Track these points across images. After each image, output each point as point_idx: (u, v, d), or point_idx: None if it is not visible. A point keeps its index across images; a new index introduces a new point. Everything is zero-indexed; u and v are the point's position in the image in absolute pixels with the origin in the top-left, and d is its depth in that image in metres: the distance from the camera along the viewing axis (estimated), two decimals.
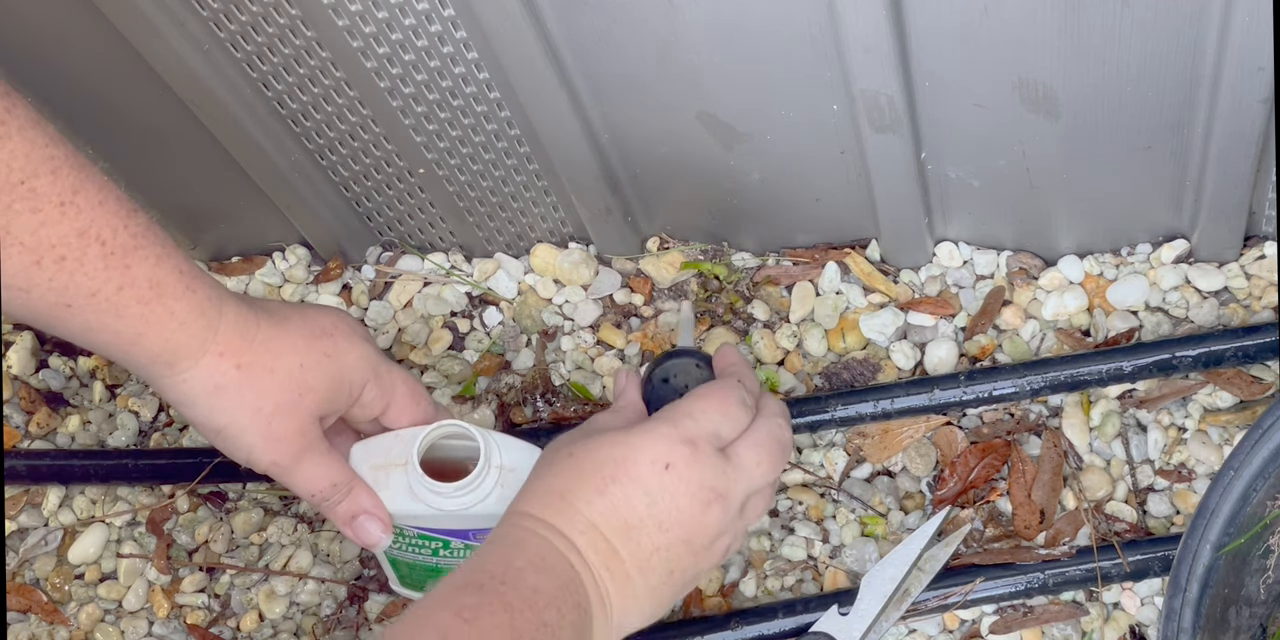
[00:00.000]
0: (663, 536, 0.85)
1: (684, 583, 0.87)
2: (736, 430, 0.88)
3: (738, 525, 0.88)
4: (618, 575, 0.84)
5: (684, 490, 0.85)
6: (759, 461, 0.88)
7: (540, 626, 0.77)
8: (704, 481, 0.85)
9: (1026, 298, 1.10)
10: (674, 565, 0.86)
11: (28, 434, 1.18)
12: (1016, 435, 1.06)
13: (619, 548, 0.84)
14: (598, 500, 0.84)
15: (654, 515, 0.84)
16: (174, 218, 1.19)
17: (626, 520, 0.84)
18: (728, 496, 0.86)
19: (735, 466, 0.87)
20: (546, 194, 1.12)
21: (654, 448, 0.85)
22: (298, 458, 0.90)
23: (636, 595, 0.85)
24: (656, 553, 0.85)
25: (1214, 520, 0.85)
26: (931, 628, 1.03)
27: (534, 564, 0.81)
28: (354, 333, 0.93)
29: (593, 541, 0.83)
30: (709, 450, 0.86)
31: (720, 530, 0.87)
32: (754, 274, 1.14)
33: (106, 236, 0.80)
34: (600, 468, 0.85)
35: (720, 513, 0.86)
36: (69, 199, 0.78)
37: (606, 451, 0.85)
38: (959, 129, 0.98)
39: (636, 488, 0.84)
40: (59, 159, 0.78)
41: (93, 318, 0.82)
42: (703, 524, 0.86)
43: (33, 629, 1.13)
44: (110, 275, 0.81)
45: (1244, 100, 0.91)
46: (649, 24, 0.92)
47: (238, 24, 0.97)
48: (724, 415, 0.88)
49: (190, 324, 0.84)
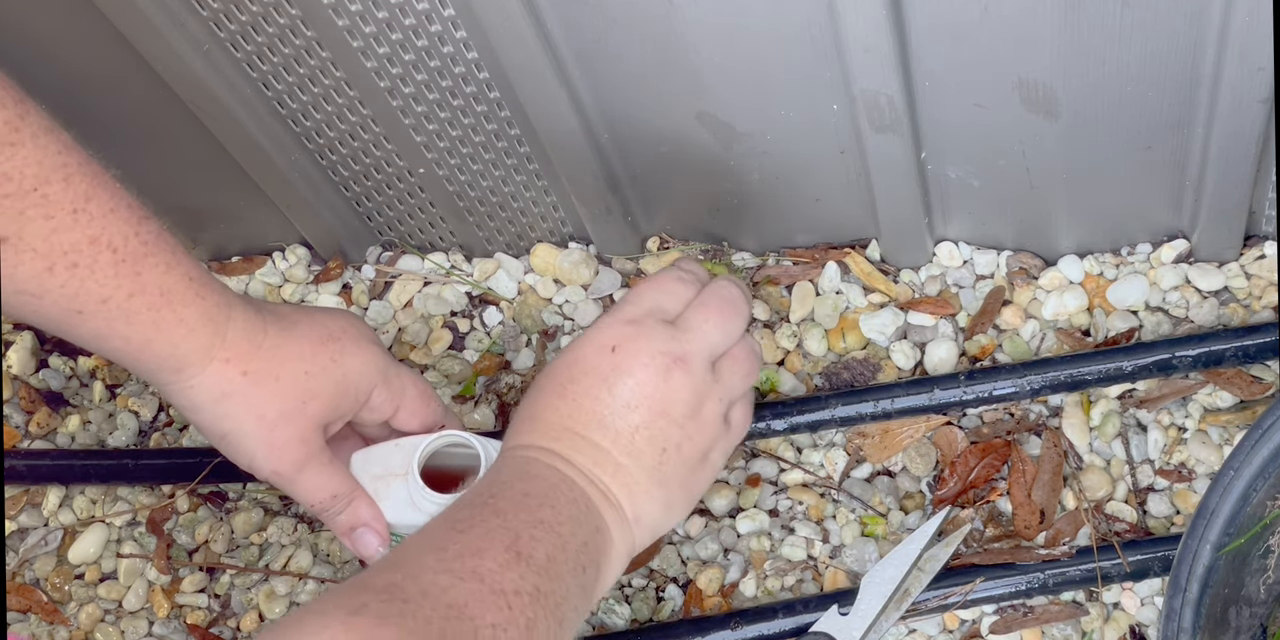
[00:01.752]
0: (635, 415, 0.84)
1: (689, 461, 0.86)
2: (680, 302, 0.88)
3: (719, 390, 0.87)
4: (607, 466, 0.84)
5: (636, 364, 0.84)
6: (706, 319, 0.87)
7: (536, 524, 0.78)
8: (653, 350, 0.85)
9: (1026, 297, 1.10)
10: (663, 441, 0.85)
11: (28, 434, 1.19)
12: (1016, 435, 1.06)
13: (598, 440, 0.84)
14: (561, 404, 0.84)
15: (617, 397, 0.84)
16: (174, 218, 1.18)
17: (594, 412, 0.84)
18: (685, 359, 0.85)
19: (683, 329, 0.86)
20: (546, 194, 1.12)
21: (597, 336, 0.86)
22: (299, 467, 0.90)
23: (637, 480, 0.84)
24: (636, 432, 0.84)
25: (1214, 520, 0.85)
26: (931, 628, 1.03)
27: (518, 475, 0.81)
28: (361, 337, 0.93)
29: (572, 443, 0.83)
30: (650, 323, 0.86)
31: (695, 395, 0.86)
32: (754, 274, 1.14)
33: (118, 243, 0.81)
34: (556, 376, 0.86)
35: (683, 375, 0.85)
36: (81, 206, 0.79)
37: (558, 361, 0.86)
38: (959, 129, 0.98)
39: (591, 378, 0.84)
40: (71, 166, 0.79)
41: (103, 324, 0.82)
42: (670, 391, 0.85)
43: (33, 629, 1.13)
44: (121, 282, 0.81)
45: (1244, 100, 0.91)
46: (649, 24, 0.92)
47: (238, 24, 0.97)
48: (659, 291, 0.88)
49: (198, 330, 0.85)
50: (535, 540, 0.77)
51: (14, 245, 0.77)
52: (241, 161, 1.09)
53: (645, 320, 0.86)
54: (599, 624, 1.06)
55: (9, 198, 0.76)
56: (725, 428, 0.88)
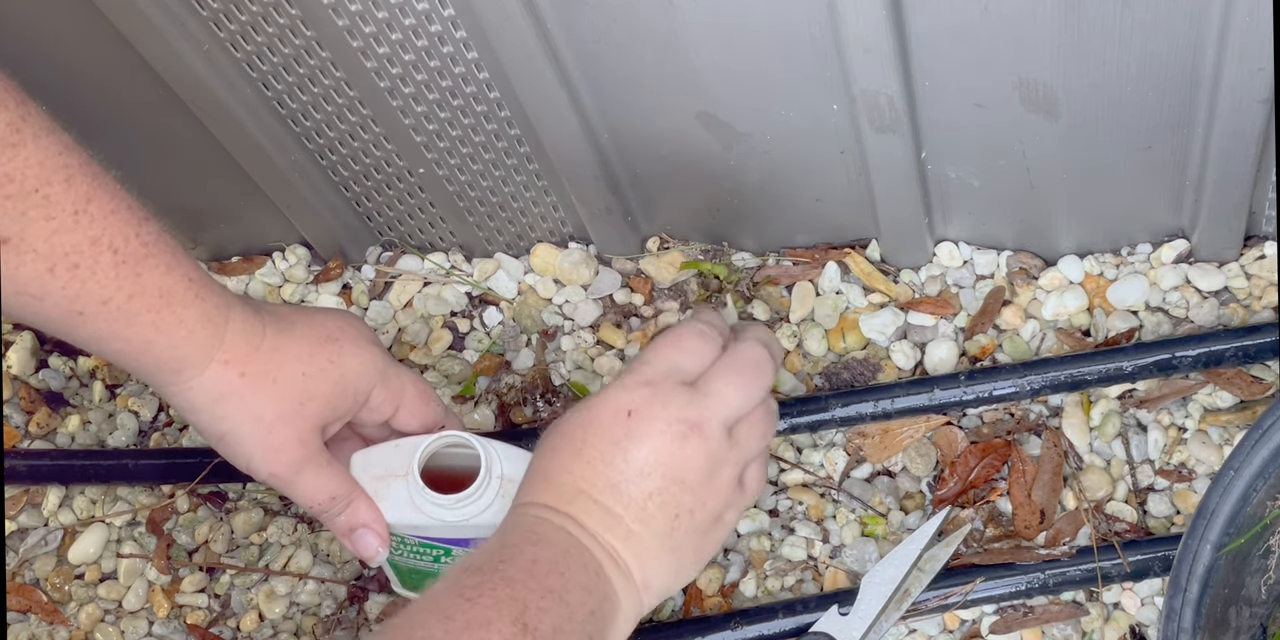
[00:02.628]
0: (649, 482, 0.82)
1: (700, 526, 0.84)
2: (700, 362, 0.85)
3: (734, 455, 0.85)
4: (619, 532, 0.82)
5: (652, 430, 0.82)
6: (728, 382, 0.84)
7: (545, 593, 0.77)
8: (670, 416, 0.82)
9: (1027, 297, 1.10)
10: (675, 508, 0.83)
11: (28, 434, 1.19)
12: (1016, 435, 1.06)
13: (611, 505, 0.82)
14: (576, 466, 0.82)
15: (632, 464, 0.82)
16: (174, 218, 1.19)
17: (608, 476, 0.82)
18: (702, 425, 0.83)
19: (703, 394, 0.84)
20: (546, 194, 1.12)
21: (614, 399, 0.83)
22: (297, 469, 0.90)
23: (648, 547, 0.83)
24: (650, 499, 0.82)
25: (1214, 520, 0.85)
26: (931, 628, 1.03)
27: (528, 539, 0.80)
28: (360, 337, 0.93)
29: (584, 507, 0.82)
30: (669, 386, 0.83)
31: (710, 462, 0.83)
32: (754, 274, 1.14)
33: (119, 245, 0.81)
34: (570, 436, 0.84)
35: (699, 443, 0.83)
36: (83, 207, 0.79)
37: (573, 420, 0.84)
38: (959, 129, 0.98)
39: (606, 443, 0.82)
40: (73, 167, 0.79)
41: (104, 326, 0.82)
42: (685, 458, 0.83)
43: (33, 629, 1.13)
44: (122, 283, 0.81)
45: (1244, 100, 0.91)
46: (649, 24, 0.92)
47: (238, 24, 0.97)
48: (678, 350, 0.85)
49: (198, 332, 0.85)
50: (543, 611, 0.76)
51: (15, 246, 0.77)
52: (241, 161, 1.09)
53: (663, 383, 0.83)
54: None
55: (10, 199, 0.76)
56: (740, 490, 0.86)
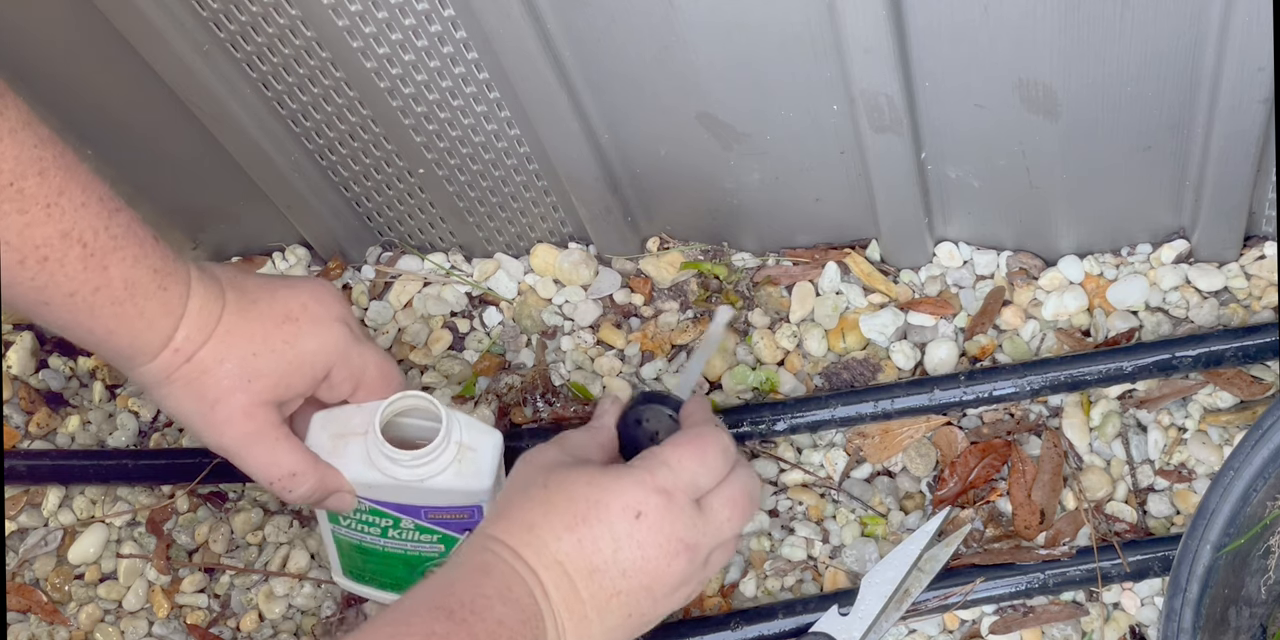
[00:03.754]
0: (625, 582, 0.85)
1: (639, 626, 0.88)
2: (714, 480, 0.89)
3: (700, 575, 0.89)
4: (575, 615, 0.85)
5: (652, 540, 0.86)
6: (730, 517, 0.89)
7: None
8: (674, 533, 0.86)
9: (1026, 298, 1.10)
10: (632, 610, 0.86)
11: (28, 434, 1.19)
12: (1016, 435, 1.06)
13: (580, 588, 0.85)
14: (566, 537, 0.85)
15: (618, 561, 0.85)
16: (174, 218, 1.19)
17: (591, 562, 0.85)
18: (695, 548, 0.87)
19: (706, 520, 0.88)
20: (546, 194, 1.12)
21: (628, 494, 0.86)
22: (246, 442, 0.91)
23: (591, 635, 0.86)
24: (616, 596, 0.85)
25: (1214, 520, 0.85)
26: (931, 628, 1.03)
27: (501, 595, 0.82)
28: (324, 315, 0.93)
29: (556, 578, 0.84)
30: (683, 501, 0.87)
31: (683, 580, 0.88)
32: (754, 274, 1.14)
33: (88, 238, 0.82)
34: (573, 505, 0.86)
35: (685, 564, 0.87)
36: (54, 200, 0.80)
37: (581, 490, 0.86)
38: (959, 129, 0.98)
39: (605, 531, 0.85)
40: (47, 160, 0.79)
41: (68, 316, 0.84)
42: (667, 574, 0.86)
43: (33, 629, 1.13)
44: (89, 276, 0.82)
45: (1244, 100, 0.91)
46: (649, 24, 0.92)
47: (238, 24, 0.97)
48: (702, 465, 0.88)
49: (156, 322, 0.86)
50: None
51: None
52: (241, 161, 1.09)
53: (678, 496, 0.86)
54: None
55: None
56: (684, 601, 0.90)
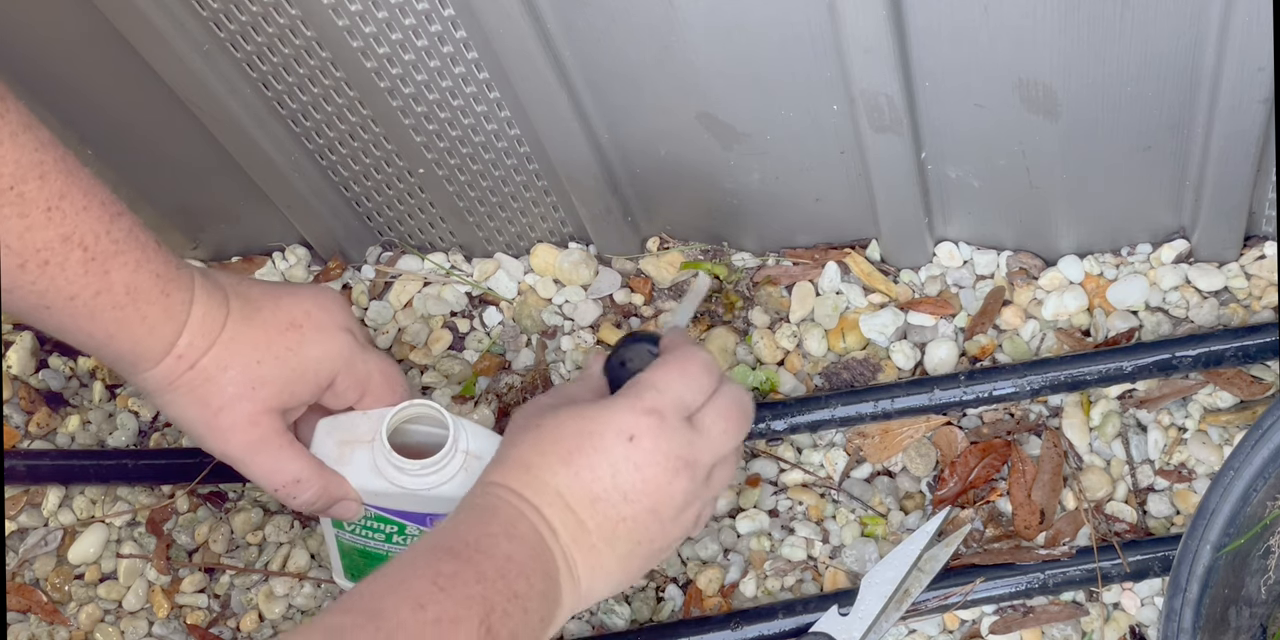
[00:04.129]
0: (628, 507, 0.85)
1: (653, 552, 0.87)
2: (702, 396, 0.88)
3: (704, 493, 0.88)
4: (584, 546, 0.84)
5: (649, 461, 0.85)
6: (725, 429, 0.88)
7: (511, 597, 0.78)
8: (670, 451, 0.85)
9: (1026, 298, 1.10)
10: (641, 536, 0.86)
11: (28, 434, 1.19)
12: (1016, 435, 1.06)
13: (585, 519, 0.84)
14: (563, 471, 0.84)
15: (619, 486, 0.84)
16: (174, 218, 1.19)
17: (591, 491, 0.84)
18: (694, 465, 0.86)
19: (701, 435, 0.87)
20: (546, 194, 1.12)
21: (618, 419, 0.85)
22: (251, 450, 0.90)
23: (604, 565, 0.85)
24: (622, 523, 0.85)
25: (1214, 520, 0.85)
26: (931, 628, 1.03)
27: (506, 532, 0.81)
28: (328, 323, 0.93)
29: (559, 513, 0.83)
30: (675, 420, 0.86)
31: (687, 499, 0.86)
32: (754, 274, 1.14)
33: (89, 242, 0.81)
34: (565, 439, 0.85)
35: (687, 482, 0.86)
36: (55, 204, 0.79)
37: (573, 424, 0.85)
38: (959, 129, 0.98)
39: (601, 459, 0.84)
40: (48, 163, 0.79)
41: (68, 320, 0.83)
42: (669, 494, 0.85)
43: (33, 629, 1.13)
44: (89, 280, 0.82)
45: (1244, 100, 0.91)
46: (649, 24, 0.92)
47: (238, 24, 0.97)
48: (687, 382, 0.87)
49: (159, 328, 0.86)
50: (507, 615, 0.78)
51: None
52: (241, 161, 1.09)
53: (668, 414, 0.86)
54: (599, 624, 1.06)
55: None
56: (695, 525, 0.89)
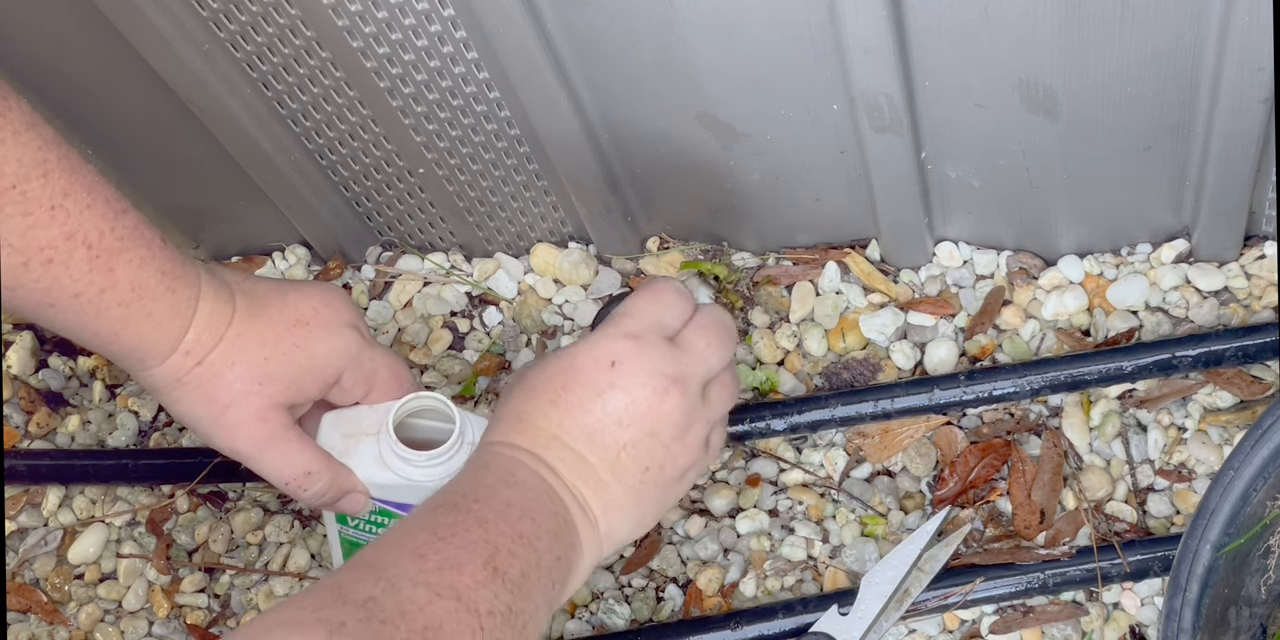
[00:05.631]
0: (625, 433, 0.84)
1: (666, 481, 0.86)
2: (679, 318, 0.87)
3: (706, 413, 0.87)
4: (590, 480, 0.83)
5: (635, 382, 0.84)
6: (708, 343, 0.87)
7: (516, 537, 0.78)
8: (654, 369, 0.84)
9: (1026, 297, 1.10)
10: (646, 461, 0.84)
11: (28, 434, 1.19)
12: (1016, 435, 1.06)
13: (585, 453, 0.83)
14: (553, 411, 0.83)
15: (610, 413, 0.83)
16: (174, 218, 1.19)
17: (585, 424, 0.83)
18: (683, 381, 0.85)
19: (685, 351, 0.86)
20: (546, 194, 1.12)
21: (598, 348, 0.84)
22: (260, 446, 0.90)
23: (615, 497, 0.84)
24: (624, 450, 0.84)
25: (1214, 520, 0.85)
26: (931, 628, 1.03)
27: (503, 480, 0.81)
28: (334, 320, 0.92)
29: (558, 453, 0.83)
30: (653, 340, 0.85)
31: (686, 418, 0.85)
32: (754, 274, 1.14)
33: (93, 240, 0.81)
34: (550, 380, 0.84)
35: (679, 398, 0.84)
36: (59, 202, 0.79)
37: (553, 365, 0.85)
38: (959, 129, 0.98)
39: (587, 391, 0.83)
40: (51, 162, 0.79)
41: (74, 317, 0.83)
42: (663, 412, 0.84)
43: (33, 629, 1.13)
44: (94, 278, 0.82)
45: (1244, 100, 0.91)
46: (649, 24, 0.92)
47: (238, 24, 0.97)
48: (660, 304, 0.86)
49: (165, 324, 0.86)
50: (513, 555, 0.77)
51: None
52: (241, 161, 1.09)
53: (647, 336, 0.85)
54: (599, 624, 1.06)
55: None
56: (704, 450, 0.88)
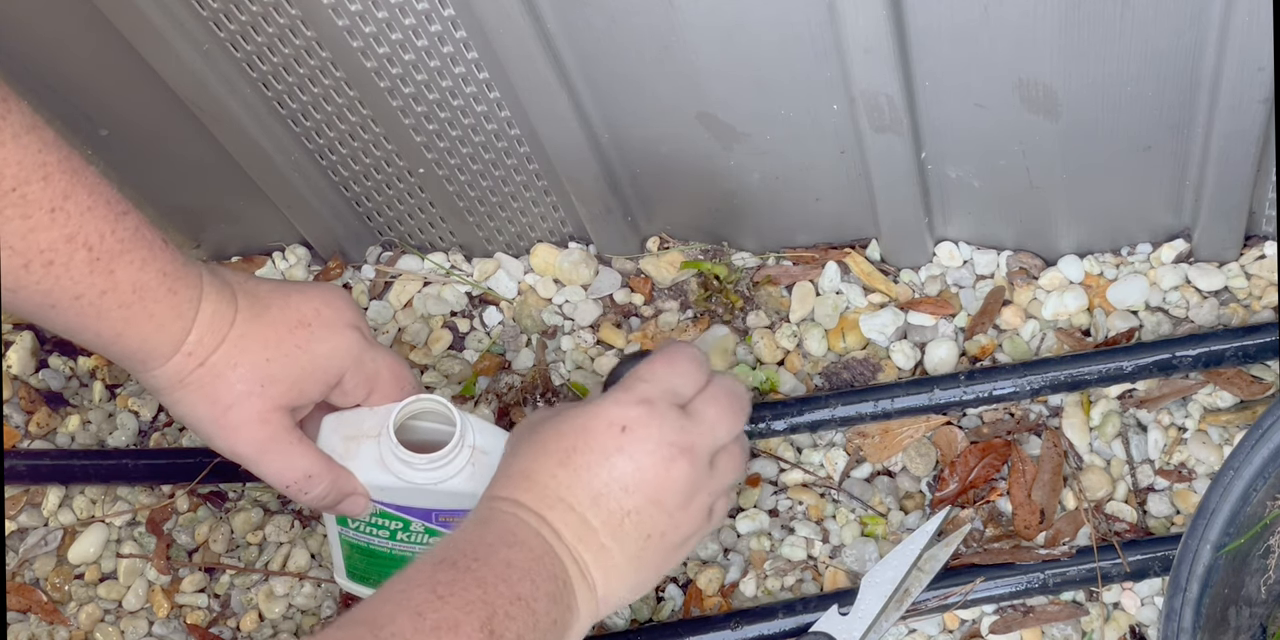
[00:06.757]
0: (630, 499, 0.84)
1: (667, 548, 0.86)
2: (693, 386, 0.87)
3: (712, 484, 0.87)
4: (591, 545, 0.83)
5: (643, 449, 0.84)
6: (719, 414, 0.87)
7: (514, 599, 0.78)
8: (663, 438, 0.84)
9: (1026, 297, 1.10)
10: (649, 529, 0.85)
11: (28, 434, 1.19)
12: (1016, 435, 1.06)
13: (589, 517, 0.83)
14: (561, 472, 0.84)
15: (617, 479, 0.84)
16: (174, 218, 1.19)
17: (591, 488, 0.83)
18: (691, 451, 0.85)
19: (695, 421, 0.86)
20: (546, 194, 1.12)
21: (609, 412, 0.84)
22: (261, 448, 0.90)
23: (615, 564, 0.84)
24: (627, 517, 0.84)
25: (1214, 520, 0.85)
26: (931, 628, 1.03)
27: (504, 540, 0.81)
28: (337, 320, 0.92)
29: (561, 515, 0.83)
30: (665, 407, 0.85)
31: (691, 488, 0.85)
32: (754, 274, 1.14)
33: (94, 242, 0.81)
34: (560, 440, 0.85)
35: (686, 467, 0.85)
36: (59, 204, 0.79)
37: (566, 424, 0.85)
38: (959, 129, 0.98)
39: (596, 454, 0.84)
40: (51, 164, 0.79)
41: (75, 319, 0.83)
42: (669, 481, 0.84)
43: (33, 629, 1.13)
44: (95, 280, 0.82)
45: (1244, 100, 0.91)
46: (649, 24, 0.92)
47: (238, 24, 0.97)
48: (674, 372, 0.87)
49: (167, 326, 0.85)
50: (510, 618, 0.77)
51: None
52: (241, 161, 1.09)
53: (659, 403, 0.85)
54: (599, 624, 1.06)
55: None
56: (707, 519, 0.88)
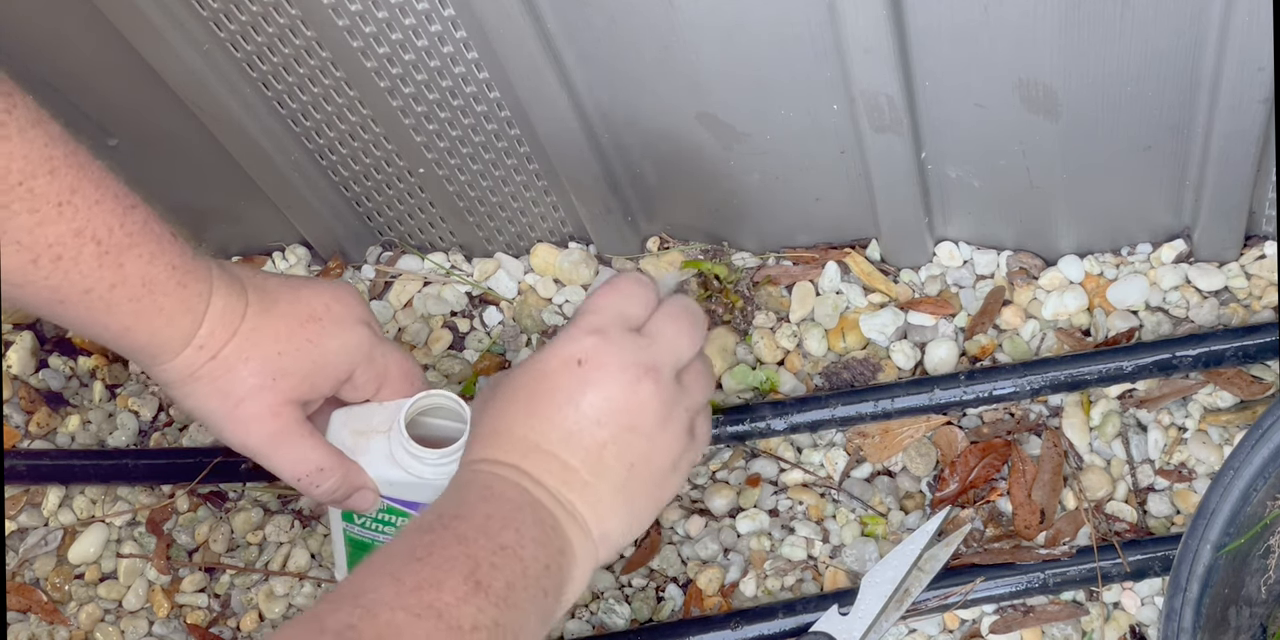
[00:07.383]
0: (603, 431, 0.81)
1: (656, 474, 0.84)
2: (643, 309, 0.85)
3: (684, 400, 0.84)
4: (575, 484, 0.81)
5: (605, 377, 0.81)
6: (677, 330, 0.84)
7: (497, 550, 0.76)
8: (623, 362, 0.82)
9: (1026, 297, 1.10)
10: (630, 457, 0.82)
11: (28, 434, 1.19)
12: (1016, 435, 1.06)
13: (566, 458, 0.81)
14: (530, 421, 0.82)
15: (586, 413, 0.81)
16: (174, 217, 1.18)
17: (563, 428, 0.81)
18: (655, 370, 0.82)
19: (652, 340, 0.83)
20: (546, 194, 1.12)
21: (562, 349, 0.82)
22: (272, 441, 0.90)
23: (603, 499, 0.82)
24: (605, 449, 0.82)
25: (1214, 520, 0.85)
26: (931, 628, 1.03)
27: (482, 495, 0.80)
28: (347, 316, 0.92)
29: (538, 461, 0.81)
30: (618, 333, 0.83)
31: (664, 407, 0.83)
32: (754, 274, 1.14)
33: (102, 236, 0.81)
34: (521, 389, 0.83)
35: (652, 387, 0.82)
36: (67, 199, 0.79)
37: (523, 373, 0.83)
38: (959, 129, 0.98)
39: (559, 394, 0.82)
40: (57, 159, 0.79)
41: (85, 313, 0.83)
42: (639, 404, 0.82)
43: (33, 629, 1.13)
44: (104, 274, 0.81)
45: (1244, 100, 0.91)
46: (649, 24, 0.92)
47: (238, 24, 0.97)
48: (620, 296, 0.84)
49: (177, 319, 0.85)
50: (496, 568, 0.75)
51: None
52: (241, 161, 1.09)
53: (610, 329, 0.83)
54: (599, 624, 1.06)
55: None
56: (690, 439, 0.86)
